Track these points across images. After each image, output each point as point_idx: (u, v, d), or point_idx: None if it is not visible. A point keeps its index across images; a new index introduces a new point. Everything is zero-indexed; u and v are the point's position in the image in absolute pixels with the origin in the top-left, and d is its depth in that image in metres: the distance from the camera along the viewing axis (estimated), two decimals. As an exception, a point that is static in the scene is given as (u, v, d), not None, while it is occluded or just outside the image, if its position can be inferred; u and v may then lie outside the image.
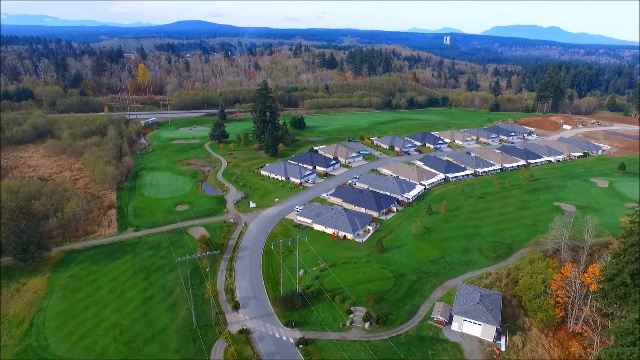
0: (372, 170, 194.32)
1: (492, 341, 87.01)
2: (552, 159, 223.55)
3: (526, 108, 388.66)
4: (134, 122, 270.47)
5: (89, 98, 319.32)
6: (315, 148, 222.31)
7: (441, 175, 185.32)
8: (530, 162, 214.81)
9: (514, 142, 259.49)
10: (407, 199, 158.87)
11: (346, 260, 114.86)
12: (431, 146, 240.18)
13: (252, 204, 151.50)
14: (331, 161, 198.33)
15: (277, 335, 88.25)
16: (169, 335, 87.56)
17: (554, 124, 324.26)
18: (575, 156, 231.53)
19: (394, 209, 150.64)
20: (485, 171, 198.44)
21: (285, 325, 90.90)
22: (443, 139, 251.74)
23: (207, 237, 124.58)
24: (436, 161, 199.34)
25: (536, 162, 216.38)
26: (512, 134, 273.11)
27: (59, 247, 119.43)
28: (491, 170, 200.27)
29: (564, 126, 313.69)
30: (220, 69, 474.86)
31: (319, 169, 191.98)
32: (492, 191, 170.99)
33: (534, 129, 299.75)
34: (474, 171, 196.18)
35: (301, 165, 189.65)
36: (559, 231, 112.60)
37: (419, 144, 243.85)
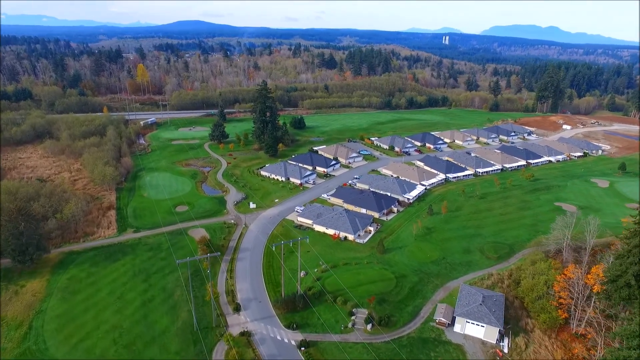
0: (372, 170, 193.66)
1: (495, 343, 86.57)
2: (552, 159, 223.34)
3: (526, 108, 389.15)
4: (133, 123, 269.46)
5: (88, 98, 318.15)
6: (315, 148, 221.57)
7: (442, 176, 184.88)
8: (531, 162, 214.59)
9: (514, 142, 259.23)
10: (408, 199, 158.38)
11: (347, 262, 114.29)
12: (431, 146, 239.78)
13: (252, 205, 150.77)
14: (331, 161, 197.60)
15: (278, 337, 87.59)
16: (169, 337, 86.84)
17: (553, 124, 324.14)
18: (575, 156, 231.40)
19: (394, 209, 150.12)
20: (486, 171, 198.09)
21: (286, 327, 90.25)
22: (443, 139, 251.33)
23: (208, 238, 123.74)
24: (436, 161, 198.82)
25: (536, 162, 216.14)
26: (512, 134, 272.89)
27: (58, 249, 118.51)
28: (491, 171, 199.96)
29: (564, 126, 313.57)
30: (220, 69, 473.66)
31: (319, 169, 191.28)
32: (493, 191, 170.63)
33: (533, 129, 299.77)
34: (474, 171, 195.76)
35: (301, 165, 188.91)
36: (560, 232, 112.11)
37: (419, 144, 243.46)
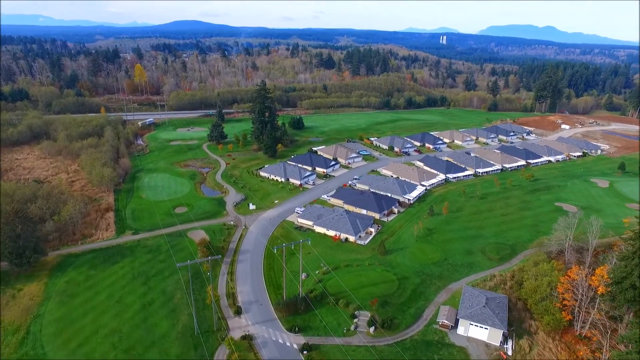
0: (372, 171, 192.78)
1: (499, 345, 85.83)
2: (551, 158, 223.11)
3: (524, 108, 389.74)
4: (131, 123, 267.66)
5: (85, 99, 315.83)
6: (315, 149, 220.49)
7: (442, 176, 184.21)
8: (530, 162, 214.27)
9: (513, 142, 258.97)
10: (408, 200, 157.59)
11: (349, 263, 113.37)
12: (431, 146, 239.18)
13: (252, 206, 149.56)
14: (331, 162, 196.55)
15: (280, 340, 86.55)
16: (169, 341, 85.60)
17: (552, 123, 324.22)
18: (574, 156, 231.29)
19: (395, 210, 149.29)
20: (486, 171, 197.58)
21: (288, 330, 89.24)
22: (442, 139, 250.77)
23: (207, 240, 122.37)
24: (436, 162, 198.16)
25: (536, 162, 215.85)
26: (511, 133, 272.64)
27: (55, 252, 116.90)
28: (491, 171, 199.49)
29: (563, 126, 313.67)
30: (218, 69, 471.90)
31: (319, 169, 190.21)
32: (493, 192, 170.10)
33: (532, 128, 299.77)
34: (474, 171, 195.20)
35: (301, 166, 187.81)
36: (562, 232, 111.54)
37: (418, 144, 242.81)
